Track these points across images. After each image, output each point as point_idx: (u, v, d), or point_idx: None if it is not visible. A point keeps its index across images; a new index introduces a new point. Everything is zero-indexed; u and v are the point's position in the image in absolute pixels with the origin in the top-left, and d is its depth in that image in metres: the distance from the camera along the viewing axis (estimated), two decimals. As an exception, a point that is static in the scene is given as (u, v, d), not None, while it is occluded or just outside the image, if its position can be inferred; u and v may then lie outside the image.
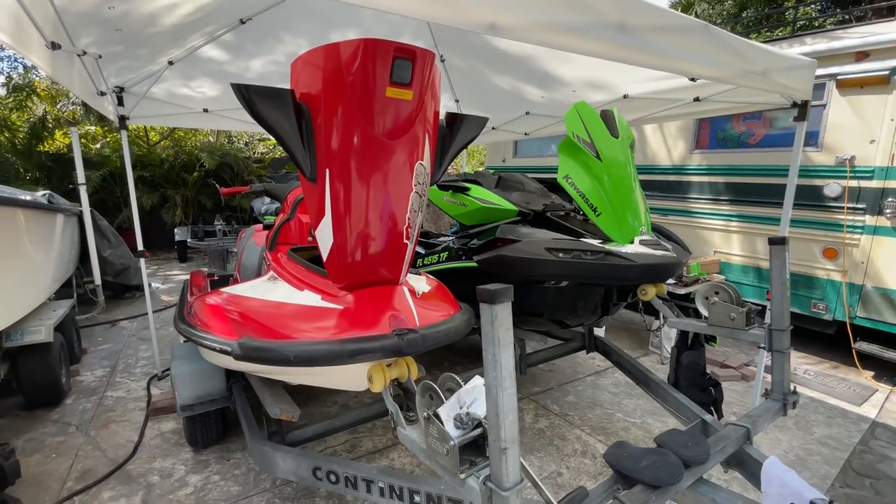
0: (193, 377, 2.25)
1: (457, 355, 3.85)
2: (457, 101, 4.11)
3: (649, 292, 2.07)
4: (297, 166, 1.25)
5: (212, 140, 9.99)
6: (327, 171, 1.26)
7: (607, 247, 2.02)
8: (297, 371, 1.43)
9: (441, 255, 2.70)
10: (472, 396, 0.99)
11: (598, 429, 2.70)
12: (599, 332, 3.83)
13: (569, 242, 2.04)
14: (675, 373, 2.18)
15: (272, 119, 1.17)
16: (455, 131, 1.48)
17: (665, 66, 1.42)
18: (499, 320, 0.83)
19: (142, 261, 3.20)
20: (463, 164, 5.08)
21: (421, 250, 3.29)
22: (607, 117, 2.23)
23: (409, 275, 1.74)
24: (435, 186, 2.69)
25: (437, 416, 1.03)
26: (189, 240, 6.87)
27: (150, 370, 3.49)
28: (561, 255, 2.01)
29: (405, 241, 1.40)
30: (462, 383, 1.11)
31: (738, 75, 1.67)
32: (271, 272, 1.77)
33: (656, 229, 4.36)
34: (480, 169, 4.48)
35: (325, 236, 1.34)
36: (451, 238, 2.80)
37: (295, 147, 1.22)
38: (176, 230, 7.18)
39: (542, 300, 2.35)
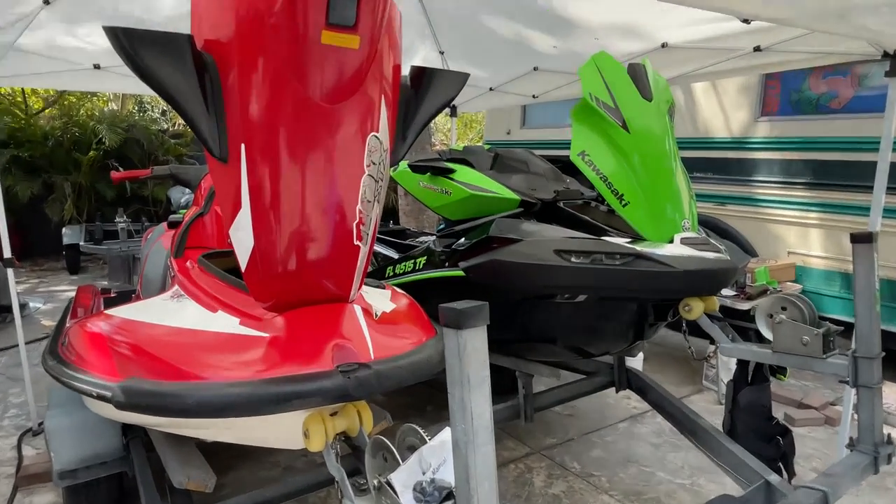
0: (76, 432, 2.21)
1: (444, 393, 3.84)
2: (441, 52, 4.12)
3: (695, 309, 2.07)
4: (200, 141, 1.23)
5: (115, 108, 9.93)
6: (243, 147, 1.23)
7: (638, 248, 2.01)
8: (206, 424, 1.40)
9: (418, 260, 2.70)
10: (439, 457, 0.96)
11: (633, 494, 2.70)
12: (634, 362, 3.85)
13: (586, 243, 2.04)
14: (730, 417, 2.18)
15: (163, 76, 1.14)
16: (423, 92, 1.46)
17: (710, 2, 1.41)
18: (468, 352, 0.81)
19: (9, 272, 3.14)
20: (452, 138, 5.08)
21: (392, 254, 3.29)
22: (638, 73, 2.23)
23: (366, 288, 1.74)
24: (407, 167, 2.69)
25: (389, 484, 1.00)
26: (82, 243, 6.79)
27: (23, 423, 3.43)
28: (575, 259, 2.01)
29: (356, 242, 1.39)
30: (427, 438, 1.09)
31: (806, 16, 1.67)
32: (176, 287, 1.75)
33: (705, 223, 4.36)
34: (477, 144, 4.52)
35: (242, 238, 1.31)
36: (432, 238, 2.79)
37: (196, 114, 1.20)
38: (64, 230, 7.10)
39: (552, 321, 2.35)
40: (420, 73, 1.46)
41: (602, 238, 2.12)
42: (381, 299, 1.70)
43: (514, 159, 2.77)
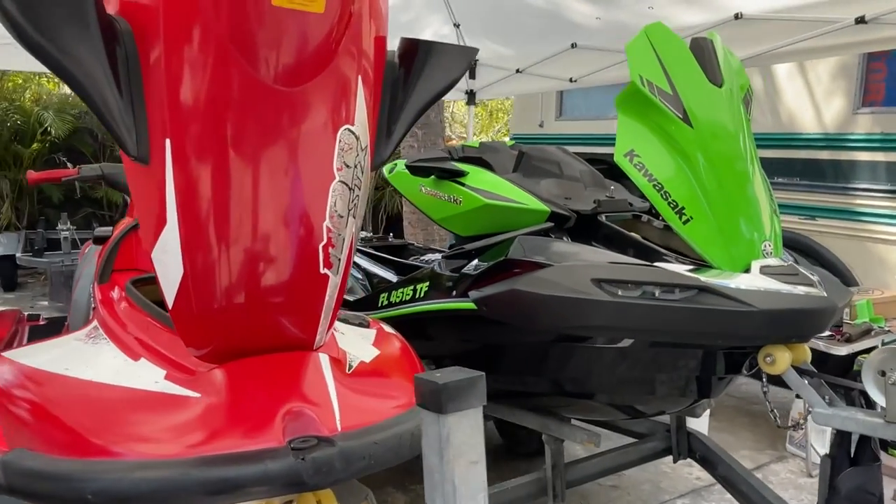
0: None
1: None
2: (456, 26, 4.09)
3: (779, 360, 1.94)
4: (111, 135, 1.14)
5: (67, 93, 10.06)
6: (168, 143, 1.16)
7: (703, 278, 1.92)
8: None
9: (419, 286, 2.63)
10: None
11: None
12: (698, 422, 3.70)
13: (634, 270, 1.96)
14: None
15: (57, 46, 1.07)
16: (416, 72, 1.41)
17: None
18: (453, 447, 0.69)
19: None
20: (469, 132, 5.00)
21: (390, 276, 3.21)
22: (704, 51, 2.17)
23: (342, 327, 1.68)
24: (404, 169, 2.62)
25: None
26: (19, 254, 6.83)
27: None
28: (619, 291, 1.91)
29: (323, 270, 1.33)
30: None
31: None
32: (94, 323, 1.67)
33: (791, 243, 4.18)
34: (498, 140, 4.44)
35: (168, 263, 1.24)
36: (438, 258, 2.70)
37: (103, 98, 1.12)
38: (-2, 238, 7.16)
39: (590, 371, 2.27)
40: (412, 48, 1.40)
41: (656, 265, 2.03)
42: (362, 343, 1.63)
43: (544, 159, 2.71)
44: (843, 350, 3.36)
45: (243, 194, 1.21)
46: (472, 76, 4.71)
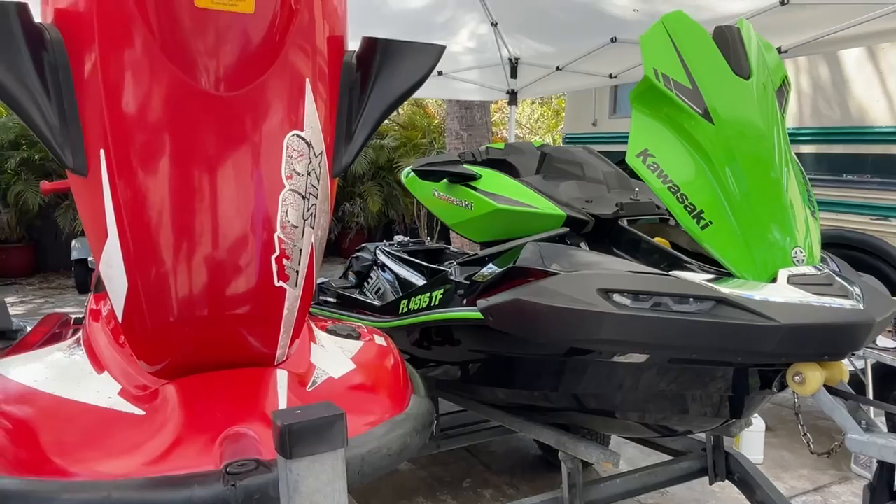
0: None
1: (486, 465, 3.65)
2: (494, 24, 4.00)
3: (810, 379, 1.77)
4: (45, 146, 1.13)
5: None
6: (103, 154, 1.13)
7: (722, 288, 1.79)
8: None
9: (434, 293, 2.56)
10: None
11: None
12: (752, 434, 3.47)
13: (645, 280, 1.85)
14: None
15: None
16: (377, 72, 1.34)
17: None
18: (303, 495, 0.61)
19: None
20: (511, 133, 4.88)
21: (420, 281, 3.15)
22: (729, 40, 2.03)
23: (324, 337, 1.64)
24: (413, 174, 2.56)
25: None
26: (91, 258, 7.17)
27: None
28: (630, 303, 1.80)
29: (278, 283, 1.28)
30: None
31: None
32: (80, 333, 1.68)
33: (861, 247, 3.88)
34: (524, 141, 4.33)
35: (113, 276, 1.22)
36: (454, 264, 2.62)
37: (34, 110, 1.11)
38: (73, 243, 7.55)
39: (606, 386, 2.16)
40: (371, 48, 1.33)
41: (673, 274, 1.89)
42: (339, 357, 1.57)
43: (566, 161, 2.62)
44: (905, 364, 3.09)
45: (184, 205, 1.18)
46: (514, 75, 4.61)
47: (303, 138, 1.22)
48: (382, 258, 3.58)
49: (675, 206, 1.94)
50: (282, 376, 1.31)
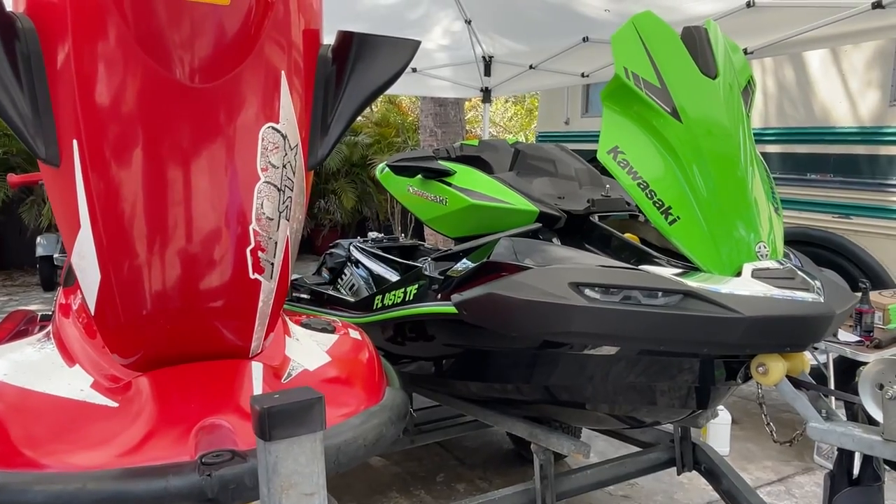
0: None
1: (460, 460, 3.66)
2: (468, 22, 4.01)
3: (772, 370, 1.82)
4: (16, 135, 1.12)
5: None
6: (75, 144, 1.12)
7: (688, 282, 1.83)
8: None
9: (409, 289, 2.57)
10: None
11: None
12: (718, 424, 3.54)
13: (614, 274, 1.88)
14: None
15: None
16: (351, 66, 1.35)
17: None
18: (282, 476, 0.62)
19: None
20: (484, 130, 4.91)
21: (394, 277, 3.16)
22: (696, 40, 2.06)
23: (298, 331, 1.66)
24: (388, 170, 2.57)
25: None
26: (57, 255, 7.02)
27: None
28: (600, 297, 1.83)
29: (253, 275, 1.28)
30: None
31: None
32: (49, 327, 1.66)
33: (824, 244, 3.97)
34: (498, 139, 4.35)
35: (86, 269, 1.21)
36: (427, 260, 2.64)
37: (8, 99, 1.09)
38: (38, 239, 7.39)
39: (577, 378, 2.19)
40: (346, 42, 1.34)
41: (641, 268, 1.93)
42: (314, 350, 1.58)
43: (539, 157, 2.65)
44: (871, 357, 3.16)
45: (158, 196, 1.18)
46: (488, 73, 4.63)
47: (278, 131, 1.23)
48: (356, 254, 3.57)
49: (644, 202, 1.97)
50: (257, 368, 1.32)
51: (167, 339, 1.28)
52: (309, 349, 1.57)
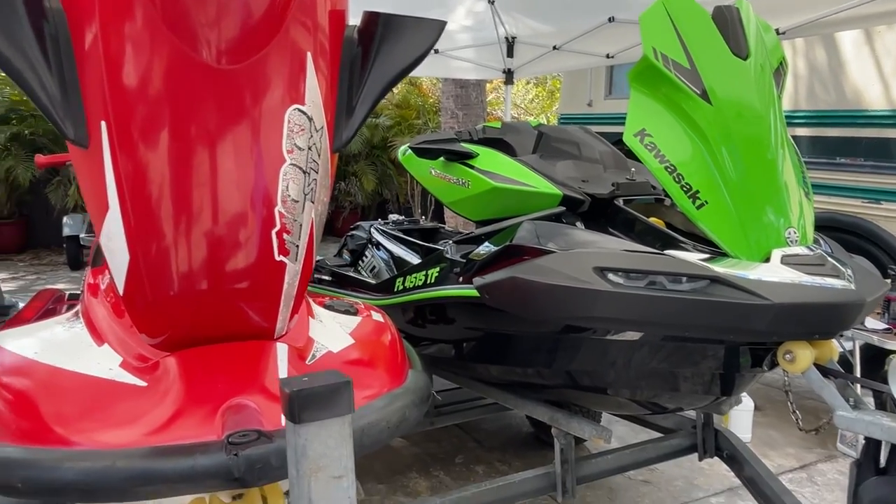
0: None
1: (479, 442, 3.71)
2: (491, 2, 3.97)
3: (800, 358, 1.79)
4: (46, 117, 1.12)
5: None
6: (104, 126, 1.12)
7: (715, 267, 1.80)
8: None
9: (430, 271, 2.56)
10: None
11: None
12: (741, 411, 3.52)
13: (640, 259, 1.85)
14: None
15: None
16: (377, 47, 1.33)
17: None
18: (310, 459, 0.62)
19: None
20: (506, 112, 4.87)
21: (414, 259, 3.16)
22: (728, 20, 2.02)
23: (322, 313, 1.66)
24: (411, 152, 2.55)
25: None
26: (83, 234, 7.13)
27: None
28: (625, 282, 1.82)
29: (278, 257, 1.29)
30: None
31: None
32: (78, 307, 1.68)
33: (853, 229, 3.91)
34: (520, 121, 4.29)
35: (115, 250, 1.22)
36: (449, 243, 2.63)
37: (35, 79, 1.10)
38: (65, 219, 7.51)
39: (600, 363, 2.18)
40: (372, 22, 1.33)
41: (667, 253, 1.90)
42: (338, 332, 1.58)
43: (563, 140, 2.61)
44: (900, 345, 3.13)
45: (185, 178, 1.18)
46: (510, 54, 4.58)
47: (304, 113, 1.22)
48: (377, 237, 3.58)
49: (671, 185, 1.94)
50: (282, 349, 1.32)
51: (194, 319, 1.29)
52: (332, 331, 1.57)
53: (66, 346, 1.43)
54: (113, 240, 1.21)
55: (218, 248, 1.23)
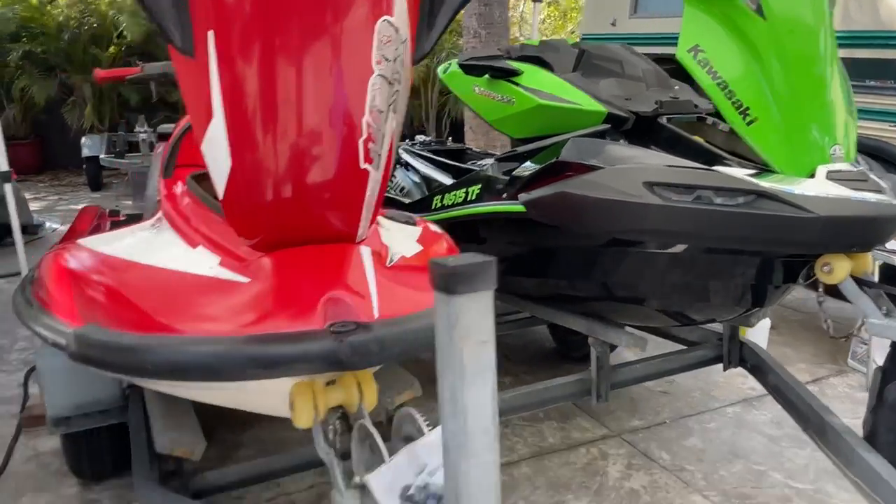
0: (70, 375, 2.34)
1: (506, 356, 3.83)
2: None
3: (838, 269, 1.88)
4: (157, 25, 1.17)
5: (138, -6, 10.15)
6: (211, 35, 1.16)
7: (763, 183, 1.85)
8: (181, 386, 1.41)
9: (471, 189, 2.64)
10: (437, 455, 0.89)
11: (736, 497, 2.60)
12: (758, 331, 3.65)
13: (689, 174, 1.91)
14: (873, 416, 2.00)
15: None
16: None
17: None
18: (462, 326, 0.72)
19: (7, 187, 3.35)
20: (534, 29, 4.79)
21: (446, 179, 3.22)
22: None
23: (387, 223, 1.71)
24: (456, 68, 2.57)
25: (368, 485, 0.96)
26: (103, 155, 7.16)
27: (32, 357, 3.73)
28: (673, 196, 1.87)
29: (363, 165, 1.34)
30: (425, 429, 1.03)
31: None
32: (159, 213, 1.77)
33: (879, 154, 3.91)
34: (558, 38, 4.22)
35: (217, 156, 1.28)
36: (491, 161, 2.68)
37: None
38: (83, 140, 7.51)
39: (641, 276, 2.27)
40: None
41: (714, 168, 1.95)
42: (405, 240, 1.66)
43: (605, 58, 2.60)
44: (923, 264, 3.20)
45: (285, 88, 1.21)
46: (538, -31, 4.47)
47: (392, 24, 1.23)
48: (406, 157, 3.61)
49: (722, 101, 1.97)
50: (366, 252, 1.40)
51: (287, 222, 1.35)
52: (400, 239, 1.65)
53: (162, 249, 1.52)
54: (215, 146, 1.26)
55: (311, 156, 1.28)
